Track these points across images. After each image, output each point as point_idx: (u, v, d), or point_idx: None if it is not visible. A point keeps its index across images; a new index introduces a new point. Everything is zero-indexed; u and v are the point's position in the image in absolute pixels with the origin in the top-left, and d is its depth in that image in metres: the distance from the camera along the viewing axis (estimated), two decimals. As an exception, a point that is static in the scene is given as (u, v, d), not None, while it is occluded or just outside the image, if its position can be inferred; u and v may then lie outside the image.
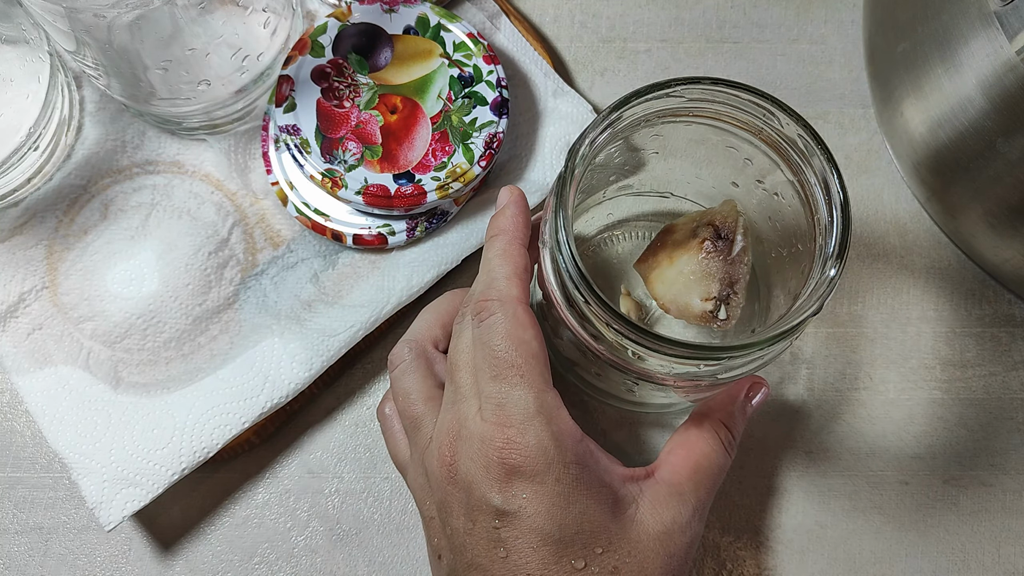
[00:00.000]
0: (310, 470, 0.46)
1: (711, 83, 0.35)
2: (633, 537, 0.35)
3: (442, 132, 0.46)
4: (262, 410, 0.44)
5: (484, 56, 0.47)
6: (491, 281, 0.36)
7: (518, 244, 0.38)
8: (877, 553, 0.45)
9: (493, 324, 0.35)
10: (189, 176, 0.48)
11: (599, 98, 0.52)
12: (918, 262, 0.49)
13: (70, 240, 0.46)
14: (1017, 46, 0.40)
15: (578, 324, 0.35)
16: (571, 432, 0.35)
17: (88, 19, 0.38)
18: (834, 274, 0.33)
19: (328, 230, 0.46)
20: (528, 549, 0.33)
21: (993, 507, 0.46)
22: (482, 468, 0.34)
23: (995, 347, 0.48)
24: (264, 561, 0.45)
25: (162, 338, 0.45)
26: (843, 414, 0.47)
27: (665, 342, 0.32)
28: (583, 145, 0.35)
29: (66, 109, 0.48)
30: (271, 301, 0.46)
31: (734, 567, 0.45)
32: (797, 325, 0.33)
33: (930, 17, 0.45)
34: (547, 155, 0.48)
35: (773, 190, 0.39)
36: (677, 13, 0.54)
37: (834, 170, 0.34)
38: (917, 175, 0.49)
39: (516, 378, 0.34)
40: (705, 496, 0.37)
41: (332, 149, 0.45)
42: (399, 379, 0.40)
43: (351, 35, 0.47)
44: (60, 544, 0.45)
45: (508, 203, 0.39)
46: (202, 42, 0.42)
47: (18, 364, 0.44)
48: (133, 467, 0.43)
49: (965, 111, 0.44)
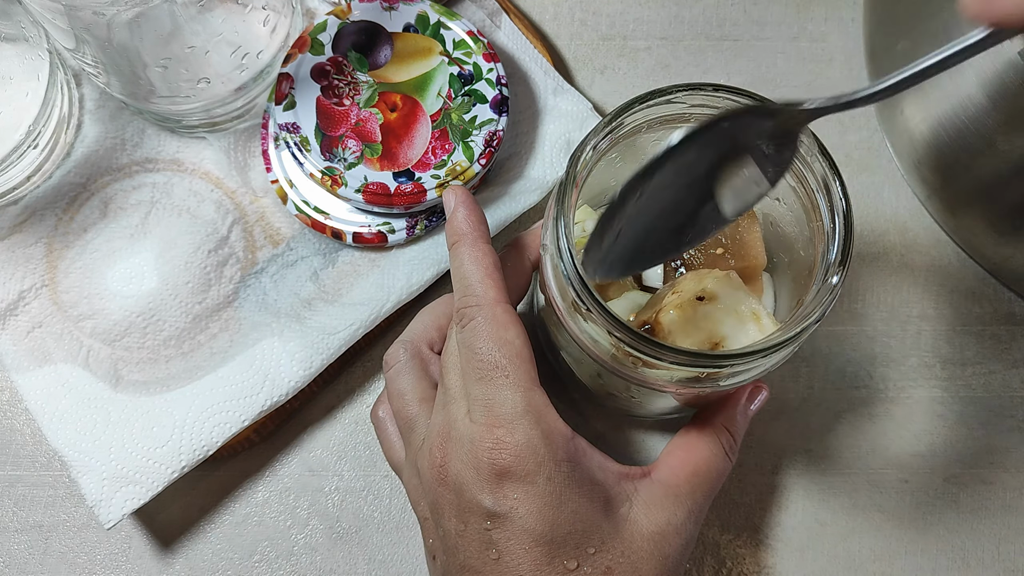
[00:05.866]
0: (310, 468, 0.46)
1: (712, 89, 0.35)
2: (626, 537, 0.35)
3: (442, 130, 0.46)
4: (262, 408, 0.44)
5: (484, 54, 0.47)
6: (466, 287, 0.37)
7: (482, 243, 0.38)
8: (877, 551, 0.45)
9: (474, 327, 0.35)
10: (189, 174, 0.48)
11: (599, 96, 0.52)
12: (918, 260, 0.49)
13: (70, 238, 0.46)
14: (1017, 44, 0.40)
15: (579, 330, 0.35)
16: (561, 430, 0.35)
17: (87, 17, 0.38)
18: (836, 281, 0.33)
19: (328, 228, 0.46)
20: (520, 550, 0.33)
21: (993, 505, 0.46)
22: (472, 469, 0.34)
23: (995, 345, 0.48)
24: (264, 559, 0.45)
25: (162, 336, 0.45)
26: (843, 412, 0.47)
27: (666, 350, 0.32)
28: (584, 152, 0.35)
29: (65, 107, 0.48)
30: (271, 299, 0.46)
31: (734, 565, 0.45)
32: (799, 332, 0.33)
33: (930, 15, 0.45)
34: (547, 153, 0.48)
35: (774, 195, 0.39)
36: (677, 11, 0.54)
37: (836, 176, 0.34)
38: (917, 173, 0.49)
39: (502, 379, 0.34)
40: (702, 499, 0.37)
41: (332, 147, 0.45)
42: (394, 379, 0.40)
43: (351, 33, 0.47)
44: (60, 542, 0.45)
45: (457, 205, 0.39)
46: (202, 40, 0.42)
47: (18, 362, 0.44)
48: (133, 465, 0.43)
49: (965, 109, 0.44)
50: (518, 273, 0.41)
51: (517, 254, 0.41)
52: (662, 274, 0.41)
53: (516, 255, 0.41)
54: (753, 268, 0.40)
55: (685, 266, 0.40)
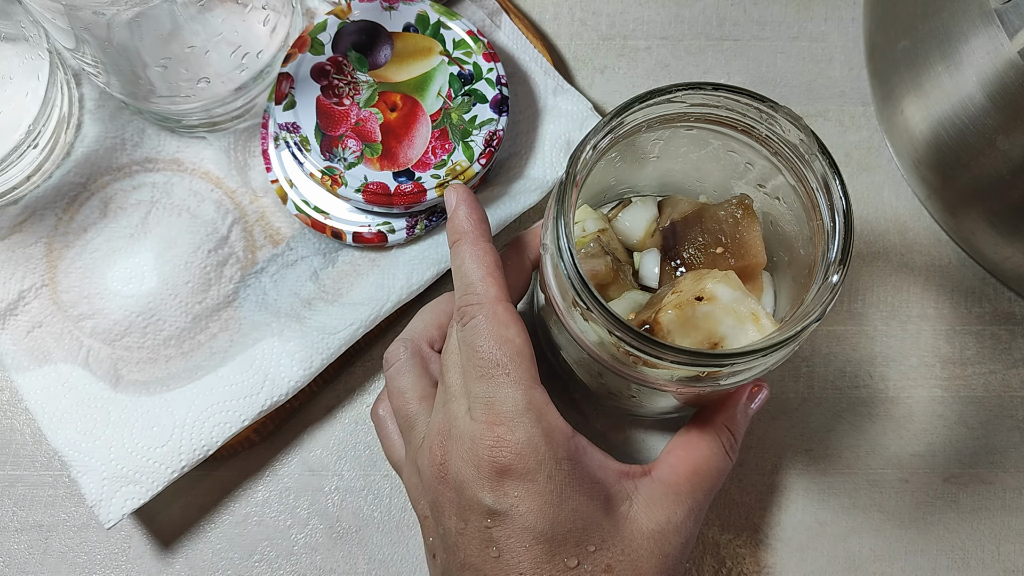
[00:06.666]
0: (310, 468, 0.46)
1: (712, 88, 0.35)
2: (626, 535, 0.35)
3: (442, 130, 0.46)
4: (262, 408, 0.44)
5: (484, 54, 0.47)
6: (467, 286, 0.37)
7: (483, 242, 0.38)
8: (877, 551, 0.45)
9: (475, 326, 0.35)
10: (189, 174, 0.48)
11: (599, 96, 0.52)
12: (918, 260, 0.49)
13: (69, 238, 0.46)
14: (1018, 43, 0.40)
15: (579, 329, 0.35)
16: (561, 428, 0.35)
17: (87, 16, 0.38)
18: (837, 280, 0.33)
19: (328, 228, 0.46)
20: (520, 548, 0.33)
21: (993, 505, 0.46)
22: (472, 467, 0.34)
23: (995, 345, 0.48)
24: (264, 559, 0.45)
25: (162, 336, 0.45)
26: (843, 412, 0.47)
27: (666, 348, 0.32)
28: (584, 151, 0.35)
29: (65, 107, 0.48)
30: (271, 299, 0.46)
31: (733, 565, 0.45)
32: (799, 332, 0.33)
33: (930, 14, 0.45)
34: (547, 153, 0.48)
35: (775, 194, 0.39)
36: (677, 10, 0.54)
37: (836, 175, 0.34)
38: (917, 173, 0.49)
39: (503, 376, 0.34)
40: (703, 498, 0.37)
41: (332, 147, 0.45)
42: (394, 378, 0.40)
43: (351, 32, 0.47)
44: (60, 542, 0.45)
45: (458, 203, 0.39)
46: (201, 39, 0.42)
47: (18, 362, 0.44)
48: (133, 465, 0.43)
49: (965, 109, 0.44)
50: (518, 272, 0.41)
51: (517, 253, 0.41)
52: (659, 274, 0.41)
53: (516, 254, 0.41)
54: (753, 267, 0.40)
55: (685, 266, 0.40)
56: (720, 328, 0.36)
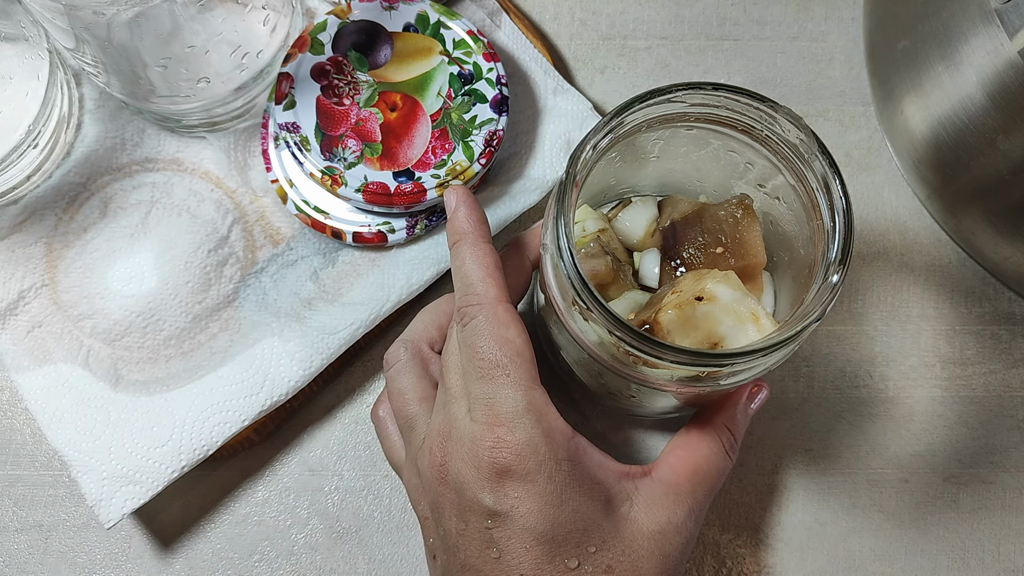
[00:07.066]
0: (310, 468, 0.46)
1: (712, 88, 0.35)
2: (627, 536, 0.35)
3: (442, 130, 0.46)
4: (262, 408, 0.44)
5: (484, 53, 0.47)
6: (467, 286, 0.37)
7: (483, 243, 0.38)
8: (877, 551, 0.45)
9: (476, 326, 0.35)
10: (189, 174, 0.48)
11: (599, 95, 0.52)
12: (918, 260, 0.49)
13: (69, 238, 0.46)
14: (1018, 43, 0.40)
15: (579, 329, 0.35)
16: (561, 429, 0.35)
17: (87, 16, 0.38)
18: (837, 280, 0.33)
19: (328, 228, 0.46)
20: (521, 549, 0.33)
21: (993, 505, 0.46)
22: (473, 468, 0.34)
23: (995, 345, 0.48)
24: (264, 559, 0.45)
25: (162, 336, 0.45)
26: (843, 412, 0.47)
27: (666, 348, 0.32)
28: (584, 151, 0.34)
29: (65, 106, 0.48)
30: (271, 299, 0.46)
31: (734, 564, 0.45)
32: (799, 332, 0.33)
33: (931, 14, 0.45)
34: (547, 152, 0.48)
35: (775, 194, 0.39)
36: (677, 10, 0.54)
37: (836, 175, 0.34)
38: (917, 173, 0.49)
39: (503, 377, 0.34)
40: (703, 498, 0.37)
41: (332, 147, 0.45)
42: (394, 379, 0.40)
43: (351, 32, 0.47)
44: (60, 542, 0.45)
45: (458, 204, 0.39)
46: (202, 39, 0.42)
47: (18, 362, 0.44)
48: (133, 465, 0.43)
49: (965, 109, 0.44)
50: (518, 272, 0.41)
51: (517, 253, 0.41)
52: (659, 274, 0.41)
53: (516, 254, 0.41)
54: (753, 267, 0.40)
55: (685, 266, 0.40)
56: (720, 328, 0.36)
